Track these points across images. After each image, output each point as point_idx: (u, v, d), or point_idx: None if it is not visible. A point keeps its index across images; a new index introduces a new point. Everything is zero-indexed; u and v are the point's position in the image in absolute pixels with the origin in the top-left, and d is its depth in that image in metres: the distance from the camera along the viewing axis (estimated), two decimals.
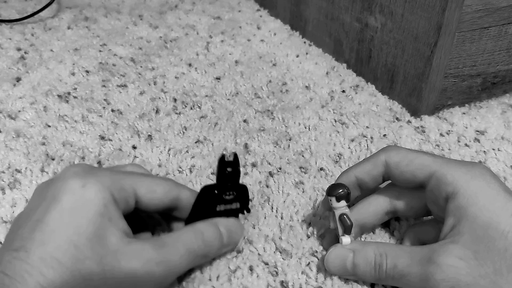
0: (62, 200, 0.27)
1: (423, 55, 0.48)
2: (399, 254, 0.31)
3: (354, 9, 0.57)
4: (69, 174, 0.29)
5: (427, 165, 0.32)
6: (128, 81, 0.58)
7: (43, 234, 0.26)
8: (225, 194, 0.33)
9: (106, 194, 0.28)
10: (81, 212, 0.27)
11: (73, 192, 0.28)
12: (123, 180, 0.30)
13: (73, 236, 0.26)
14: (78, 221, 0.27)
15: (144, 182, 0.31)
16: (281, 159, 0.46)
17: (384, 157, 0.34)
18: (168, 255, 0.29)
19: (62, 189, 0.28)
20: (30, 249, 0.26)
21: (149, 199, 0.31)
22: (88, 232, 0.27)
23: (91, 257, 0.26)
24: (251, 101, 0.55)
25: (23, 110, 0.51)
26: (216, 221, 0.33)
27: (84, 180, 0.28)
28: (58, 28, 0.71)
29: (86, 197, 0.28)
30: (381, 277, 0.31)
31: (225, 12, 0.78)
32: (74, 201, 0.27)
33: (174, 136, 0.48)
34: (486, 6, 0.46)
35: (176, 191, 0.33)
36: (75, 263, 0.26)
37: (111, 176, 0.30)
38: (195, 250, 0.31)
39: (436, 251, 0.29)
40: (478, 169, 0.31)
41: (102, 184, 0.28)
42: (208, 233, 0.32)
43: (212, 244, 0.32)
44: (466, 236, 0.29)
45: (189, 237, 0.31)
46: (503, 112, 0.53)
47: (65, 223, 0.27)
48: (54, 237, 0.26)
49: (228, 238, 0.33)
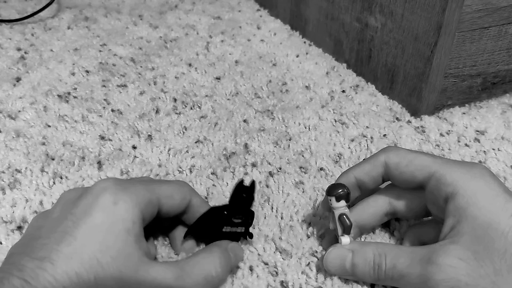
0: (93, 216, 0.28)
1: (423, 55, 0.48)
2: (398, 254, 0.31)
3: (354, 9, 0.57)
4: (100, 190, 0.29)
5: (426, 165, 0.32)
6: (128, 81, 0.58)
7: (70, 248, 0.26)
8: (234, 217, 0.33)
9: (136, 211, 0.29)
10: (111, 229, 0.28)
11: (105, 209, 0.28)
12: (151, 193, 0.31)
13: (98, 253, 0.27)
14: (106, 238, 0.27)
15: (166, 191, 0.32)
16: (281, 159, 0.46)
17: (384, 158, 0.34)
18: (185, 283, 0.29)
19: (93, 205, 0.28)
20: (56, 261, 0.26)
21: (169, 206, 0.32)
22: (114, 250, 0.27)
23: (111, 275, 0.27)
24: (251, 101, 0.55)
25: (23, 110, 0.51)
26: (229, 247, 0.33)
27: (115, 196, 0.29)
28: (58, 28, 0.71)
29: (117, 215, 0.28)
30: (380, 277, 0.31)
31: (225, 12, 0.78)
32: (105, 218, 0.28)
33: (174, 136, 0.48)
34: (486, 6, 0.46)
35: (190, 197, 0.34)
36: (96, 279, 0.26)
37: (141, 191, 0.30)
38: (213, 277, 0.31)
39: (436, 251, 0.29)
40: (477, 169, 0.31)
41: (133, 201, 0.29)
42: (224, 260, 0.32)
43: (225, 270, 0.32)
44: (466, 236, 0.29)
45: (207, 264, 0.31)
46: (503, 112, 0.53)
47: (93, 239, 0.27)
48: (81, 253, 0.26)
49: (234, 263, 0.33)
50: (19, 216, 0.38)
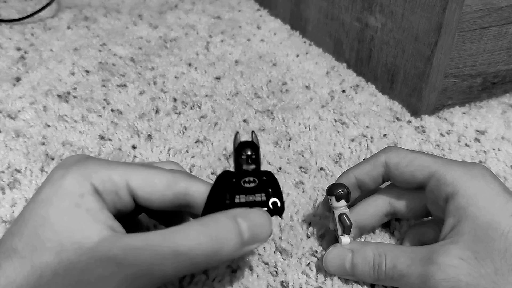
0: (41, 191, 0.26)
1: (423, 55, 0.48)
2: (398, 254, 0.31)
3: (354, 9, 0.57)
4: (57, 166, 0.28)
5: (426, 165, 0.32)
6: (128, 81, 0.58)
7: (16, 226, 0.26)
8: (244, 181, 0.27)
9: (84, 184, 0.26)
10: (54, 203, 0.26)
11: (53, 183, 0.26)
12: (113, 171, 0.27)
13: (39, 228, 0.25)
14: (48, 212, 0.26)
15: (141, 172, 0.28)
16: (281, 159, 0.46)
17: (384, 158, 0.34)
18: (139, 256, 0.24)
19: (45, 181, 0.27)
20: (3, 240, 0.26)
21: (147, 193, 0.27)
22: (57, 224, 0.25)
23: (51, 249, 0.24)
24: (251, 101, 0.55)
25: (23, 110, 0.51)
26: (234, 212, 0.26)
27: (66, 170, 0.27)
28: (58, 28, 0.70)
29: (63, 188, 0.26)
30: (380, 277, 0.31)
31: (225, 12, 0.78)
32: (50, 192, 0.26)
33: (174, 136, 0.48)
34: (486, 6, 0.46)
35: (184, 184, 0.28)
36: (33, 254, 0.25)
37: (98, 166, 0.27)
38: (194, 249, 0.24)
39: (436, 251, 0.29)
40: (477, 169, 0.31)
41: (82, 174, 0.27)
42: (219, 227, 0.25)
43: (224, 241, 0.25)
44: (466, 236, 0.29)
45: (185, 233, 0.25)
46: (503, 112, 0.53)
47: (36, 214, 0.26)
48: (22, 229, 0.25)
49: (250, 234, 0.26)
50: None
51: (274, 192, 0.27)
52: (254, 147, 0.27)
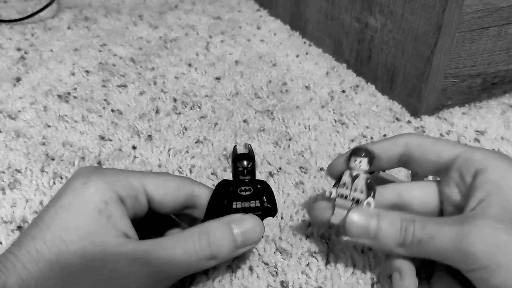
0: (62, 198, 0.28)
1: (423, 55, 0.48)
2: (427, 220, 0.29)
3: (354, 9, 0.57)
4: (74, 175, 0.29)
5: (452, 146, 0.32)
6: (128, 81, 0.58)
7: (36, 229, 0.27)
8: (240, 190, 0.31)
9: (107, 191, 0.28)
10: (78, 209, 0.27)
11: (74, 190, 0.28)
12: (130, 177, 0.29)
13: (62, 231, 0.27)
14: (71, 218, 0.27)
15: (154, 178, 0.30)
16: (281, 159, 0.46)
17: (406, 138, 0.33)
18: (155, 256, 0.27)
19: (64, 188, 0.28)
20: (22, 243, 0.27)
21: (162, 196, 0.30)
22: (81, 229, 0.27)
23: (75, 251, 0.26)
24: (251, 101, 0.55)
25: (23, 110, 0.51)
26: (229, 219, 0.30)
27: (87, 178, 0.28)
28: (58, 28, 0.71)
29: (86, 195, 0.28)
30: (406, 241, 0.29)
31: (225, 12, 0.78)
32: (73, 199, 0.28)
33: (174, 136, 0.48)
34: (486, 6, 0.46)
35: (191, 187, 0.31)
36: (58, 257, 0.26)
37: (117, 174, 0.29)
38: (197, 252, 0.28)
39: (469, 216, 0.28)
40: (500, 153, 0.31)
41: (105, 182, 0.28)
42: (216, 233, 0.29)
43: (221, 246, 0.29)
44: (496, 208, 0.28)
45: (191, 239, 0.28)
46: (503, 112, 0.53)
47: (59, 219, 0.27)
48: (45, 232, 0.27)
49: (243, 238, 0.30)
50: (19, 216, 0.38)
51: (268, 199, 0.32)
52: (250, 159, 0.31)
